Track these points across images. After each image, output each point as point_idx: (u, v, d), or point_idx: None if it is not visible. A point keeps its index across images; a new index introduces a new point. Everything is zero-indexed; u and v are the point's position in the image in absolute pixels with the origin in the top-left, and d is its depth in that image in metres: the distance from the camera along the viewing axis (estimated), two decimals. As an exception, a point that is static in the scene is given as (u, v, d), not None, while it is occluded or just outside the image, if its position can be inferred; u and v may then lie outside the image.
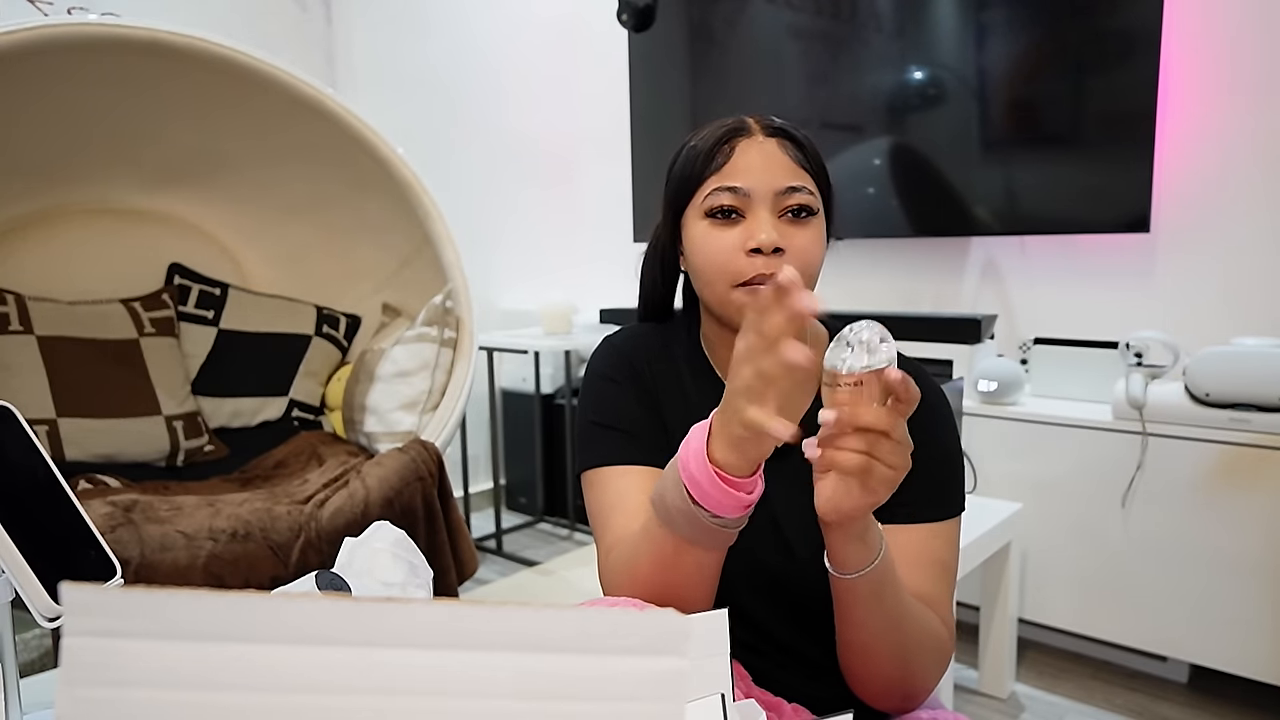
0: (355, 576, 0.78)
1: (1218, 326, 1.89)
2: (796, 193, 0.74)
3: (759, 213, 0.73)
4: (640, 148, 2.86)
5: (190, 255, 2.14)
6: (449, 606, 0.25)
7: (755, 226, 0.73)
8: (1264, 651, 1.57)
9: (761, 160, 0.74)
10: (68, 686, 0.25)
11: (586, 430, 0.82)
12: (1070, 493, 1.77)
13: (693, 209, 0.78)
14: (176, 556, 1.32)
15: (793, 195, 0.74)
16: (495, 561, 2.54)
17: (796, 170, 0.75)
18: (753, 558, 0.78)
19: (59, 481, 0.65)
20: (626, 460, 0.78)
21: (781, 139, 0.76)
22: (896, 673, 0.71)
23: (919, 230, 2.23)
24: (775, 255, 0.72)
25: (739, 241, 0.73)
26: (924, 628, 0.71)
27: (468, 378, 1.91)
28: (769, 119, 0.78)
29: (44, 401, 1.72)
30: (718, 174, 0.75)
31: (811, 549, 0.77)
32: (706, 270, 0.76)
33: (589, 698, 0.26)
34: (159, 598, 0.24)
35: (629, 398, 0.81)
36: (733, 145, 0.75)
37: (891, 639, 0.69)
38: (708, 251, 0.75)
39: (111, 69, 1.61)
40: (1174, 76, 1.90)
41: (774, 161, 0.75)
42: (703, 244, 0.76)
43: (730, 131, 0.76)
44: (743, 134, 0.76)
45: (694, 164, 0.77)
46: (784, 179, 0.74)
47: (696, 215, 0.77)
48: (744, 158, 0.75)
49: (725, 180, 0.74)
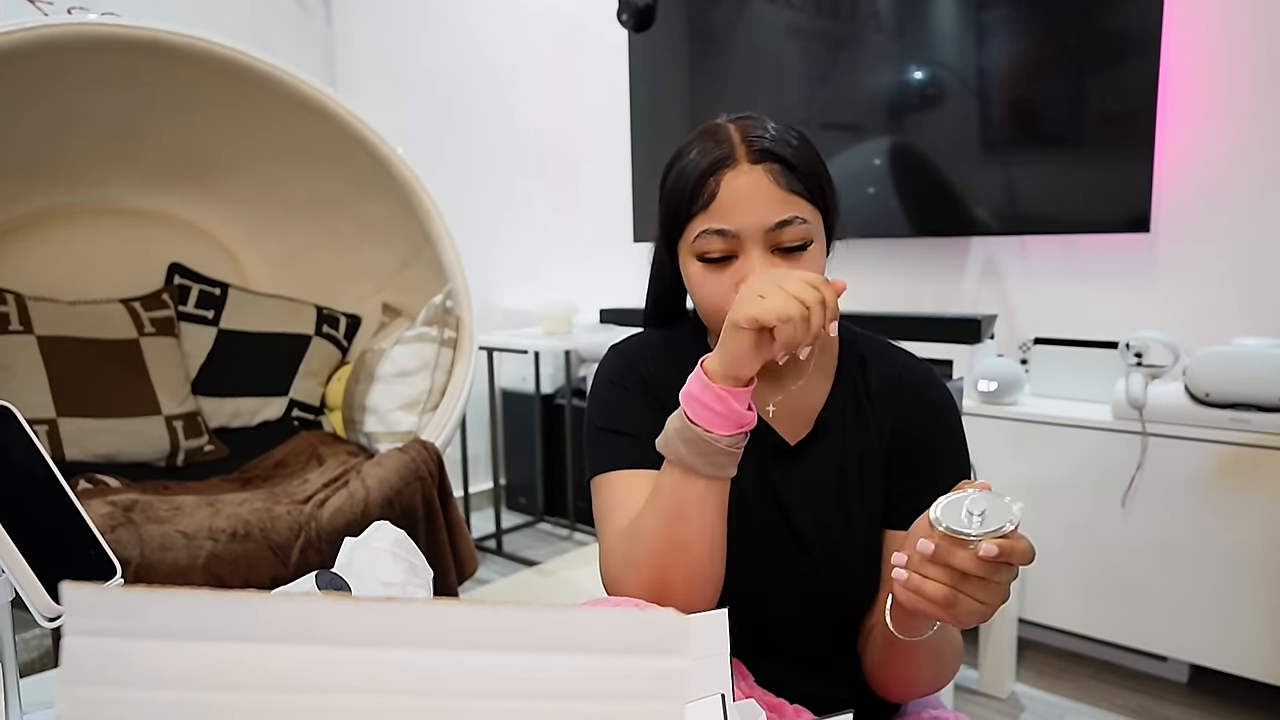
0: (355, 576, 0.78)
1: (1218, 326, 1.89)
2: (788, 226, 0.72)
3: (750, 252, 0.72)
4: (640, 148, 2.86)
5: (190, 255, 2.14)
6: (448, 606, 0.25)
7: (745, 267, 0.72)
8: (1264, 651, 1.57)
9: (749, 194, 0.72)
10: (68, 686, 0.25)
11: (593, 437, 0.82)
12: (1070, 493, 1.77)
13: (684, 245, 0.76)
14: (176, 556, 1.32)
15: (784, 230, 0.72)
16: (495, 561, 2.54)
17: (787, 199, 0.72)
18: (764, 558, 0.78)
19: (59, 481, 0.65)
20: (632, 464, 0.78)
21: (769, 164, 0.72)
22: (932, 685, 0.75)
23: (919, 230, 2.23)
24: None
25: (731, 284, 0.73)
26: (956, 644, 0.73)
27: (468, 378, 1.91)
28: (757, 136, 0.73)
29: (44, 401, 1.72)
30: (705, 213, 0.73)
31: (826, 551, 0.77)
32: (703, 307, 0.77)
33: (590, 698, 0.26)
34: (159, 597, 0.24)
35: (635, 403, 0.82)
36: (718, 179, 0.72)
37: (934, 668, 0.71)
38: (703, 293, 0.76)
39: (111, 69, 1.61)
40: (1174, 76, 1.90)
41: (762, 195, 0.71)
42: (698, 285, 0.76)
43: (715, 162, 0.73)
44: (728, 164, 0.72)
45: (681, 198, 0.75)
46: (773, 214, 0.71)
47: (688, 253, 0.76)
48: (729, 193, 0.72)
49: (712, 222, 0.72)
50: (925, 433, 0.80)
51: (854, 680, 0.80)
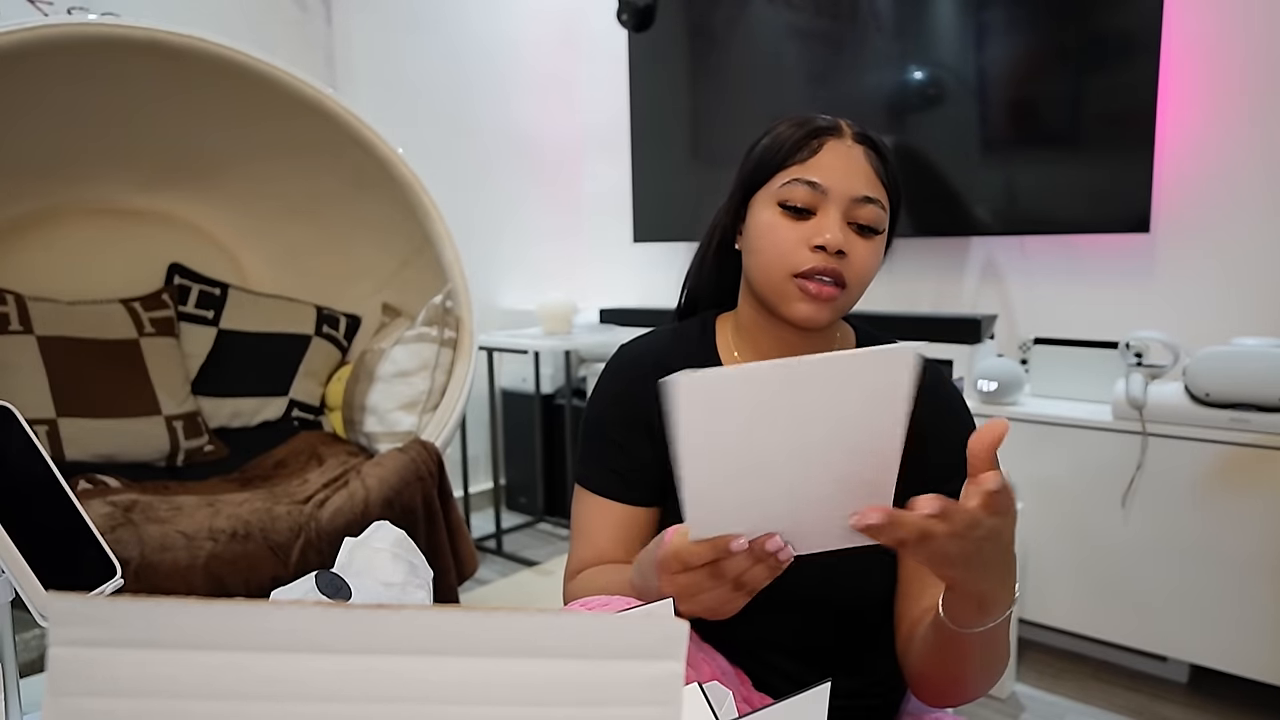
0: (355, 576, 0.78)
1: (1218, 326, 1.89)
2: (869, 204, 0.75)
3: (830, 212, 0.74)
4: (640, 148, 2.86)
5: (190, 255, 2.14)
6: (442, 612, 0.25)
7: (824, 224, 0.74)
8: (1264, 651, 1.57)
9: (845, 163, 0.75)
10: (55, 697, 0.24)
11: (583, 441, 0.86)
12: (1070, 493, 1.77)
13: (766, 192, 0.78)
14: (176, 556, 1.32)
15: (865, 206, 0.75)
16: (495, 561, 2.54)
17: (874, 181, 0.76)
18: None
19: (59, 481, 0.65)
20: (605, 493, 0.83)
21: (868, 148, 0.77)
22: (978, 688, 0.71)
23: (919, 230, 2.23)
24: (837, 257, 0.74)
25: (805, 236, 0.74)
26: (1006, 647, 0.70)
27: (468, 378, 1.91)
28: (861, 126, 0.79)
29: (44, 401, 1.72)
30: (800, 165, 0.76)
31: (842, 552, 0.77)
32: (766, 254, 0.77)
33: (585, 703, 0.26)
34: (146, 606, 0.24)
35: (620, 426, 0.83)
36: (821, 142, 0.76)
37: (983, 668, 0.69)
38: (773, 238, 0.76)
39: (111, 69, 1.61)
40: (1174, 76, 1.90)
41: (856, 167, 0.75)
42: (769, 230, 0.76)
43: (821, 128, 0.77)
44: (833, 133, 0.77)
45: (779, 149, 0.78)
46: (861, 187, 0.75)
47: (768, 200, 0.77)
48: (829, 156, 0.75)
49: (806, 173, 0.75)
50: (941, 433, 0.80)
51: (860, 691, 0.80)
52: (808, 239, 0.74)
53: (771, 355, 0.83)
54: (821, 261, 0.73)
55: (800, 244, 0.74)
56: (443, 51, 2.78)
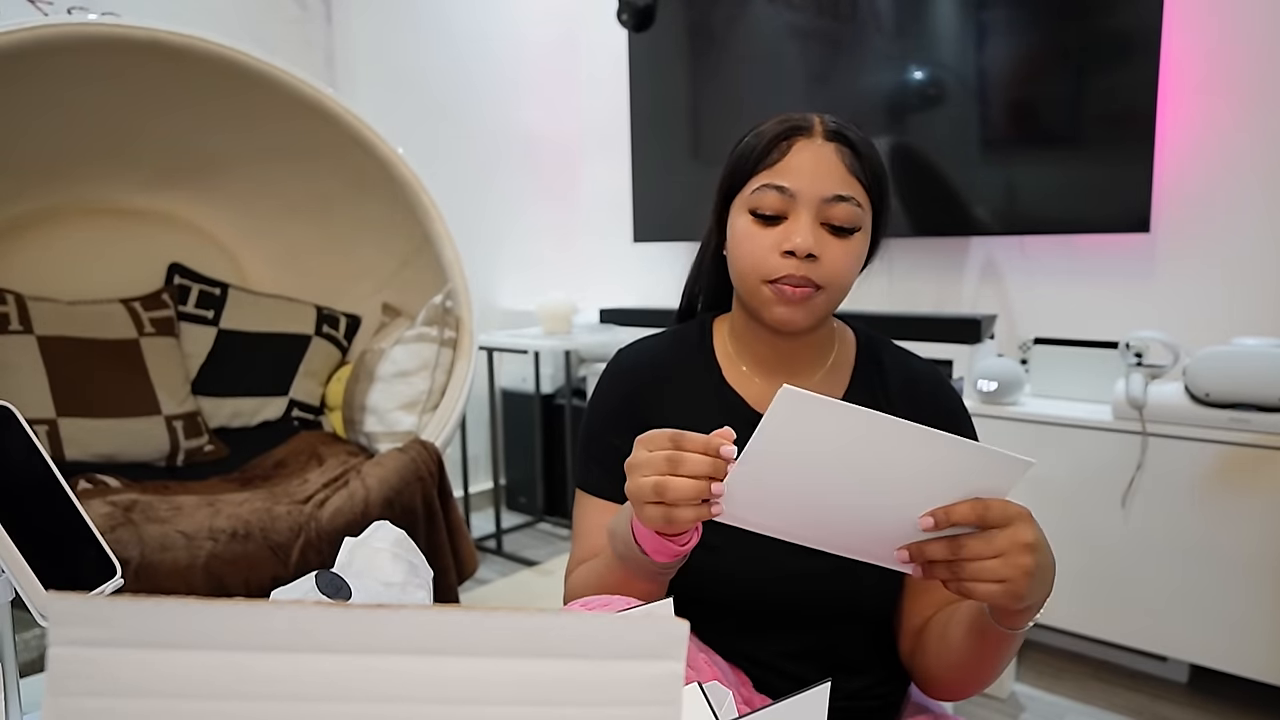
0: (355, 576, 0.78)
1: (1218, 326, 1.89)
2: (842, 202, 0.73)
3: (801, 215, 0.74)
4: (640, 147, 2.86)
5: (190, 255, 2.14)
6: (442, 612, 0.25)
7: (794, 229, 0.73)
8: (1264, 651, 1.57)
9: (814, 163, 0.74)
10: (55, 697, 0.24)
11: (581, 447, 0.87)
12: (1070, 493, 1.77)
13: (740, 200, 0.78)
14: (176, 556, 1.32)
15: (838, 205, 0.73)
16: (495, 561, 2.54)
17: (847, 179, 0.74)
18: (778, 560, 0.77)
19: (59, 481, 0.65)
20: (605, 496, 0.83)
21: (840, 144, 0.75)
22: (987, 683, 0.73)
23: (919, 230, 2.23)
24: (809, 260, 0.73)
25: (776, 242, 0.74)
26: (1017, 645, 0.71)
27: (468, 378, 1.91)
28: (835, 121, 0.77)
29: (44, 401, 1.72)
30: (769, 170, 0.75)
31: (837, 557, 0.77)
32: (741, 261, 0.77)
33: (586, 703, 0.26)
34: (145, 606, 0.24)
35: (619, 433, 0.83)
36: (790, 142, 0.75)
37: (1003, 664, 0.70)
38: (748, 246, 0.76)
39: (111, 69, 1.61)
40: (1174, 76, 1.90)
41: (826, 166, 0.74)
42: (742, 238, 0.77)
43: (791, 128, 0.76)
44: (802, 132, 0.75)
45: (750, 154, 0.77)
46: (832, 186, 0.74)
47: (741, 208, 0.77)
48: (798, 157, 0.74)
49: (774, 178, 0.74)
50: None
51: (860, 692, 0.80)
52: (778, 244, 0.74)
53: (765, 357, 0.83)
54: (793, 268, 0.73)
55: (771, 250, 0.74)
56: (443, 51, 2.78)
